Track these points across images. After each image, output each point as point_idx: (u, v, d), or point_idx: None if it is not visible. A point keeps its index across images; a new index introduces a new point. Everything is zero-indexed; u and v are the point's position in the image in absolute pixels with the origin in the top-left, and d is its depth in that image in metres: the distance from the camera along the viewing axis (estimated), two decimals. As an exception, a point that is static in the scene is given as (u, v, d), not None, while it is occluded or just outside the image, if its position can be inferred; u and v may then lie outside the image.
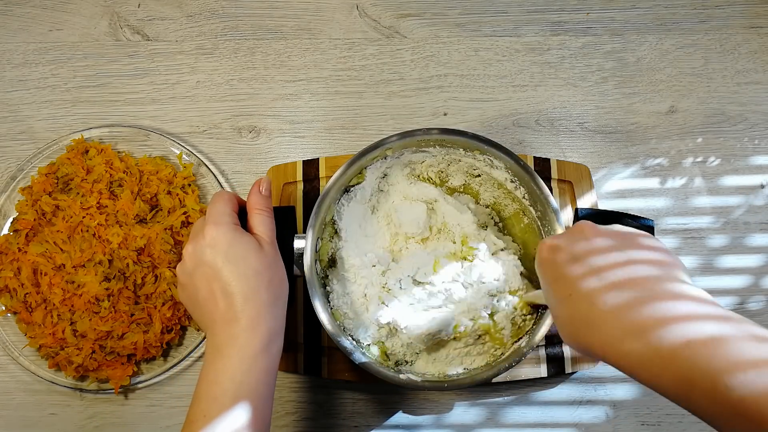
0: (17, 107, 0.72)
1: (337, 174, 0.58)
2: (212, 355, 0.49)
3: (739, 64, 0.74)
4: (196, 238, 0.51)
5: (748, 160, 0.71)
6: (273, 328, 0.50)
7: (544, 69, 0.73)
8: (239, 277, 0.49)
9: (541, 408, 0.66)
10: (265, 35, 0.74)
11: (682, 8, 0.75)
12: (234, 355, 0.48)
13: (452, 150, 0.61)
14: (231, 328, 0.49)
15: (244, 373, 0.47)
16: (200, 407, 0.47)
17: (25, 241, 0.65)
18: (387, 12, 0.75)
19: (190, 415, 0.48)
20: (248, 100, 0.72)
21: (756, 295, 0.68)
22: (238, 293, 0.49)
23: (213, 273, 0.50)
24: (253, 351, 0.48)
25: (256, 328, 0.49)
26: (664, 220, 0.70)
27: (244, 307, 0.49)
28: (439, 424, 0.66)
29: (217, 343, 0.49)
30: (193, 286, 0.51)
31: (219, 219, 0.52)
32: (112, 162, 0.67)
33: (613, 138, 0.72)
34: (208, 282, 0.50)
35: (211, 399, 0.47)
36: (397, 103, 0.72)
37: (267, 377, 0.49)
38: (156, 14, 0.74)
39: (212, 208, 0.53)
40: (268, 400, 0.49)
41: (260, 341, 0.48)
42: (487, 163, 0.61)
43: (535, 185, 0.58)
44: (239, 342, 0.48)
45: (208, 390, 0.48)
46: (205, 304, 0.50)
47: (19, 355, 0.64)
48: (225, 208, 0.53)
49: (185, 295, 0.53)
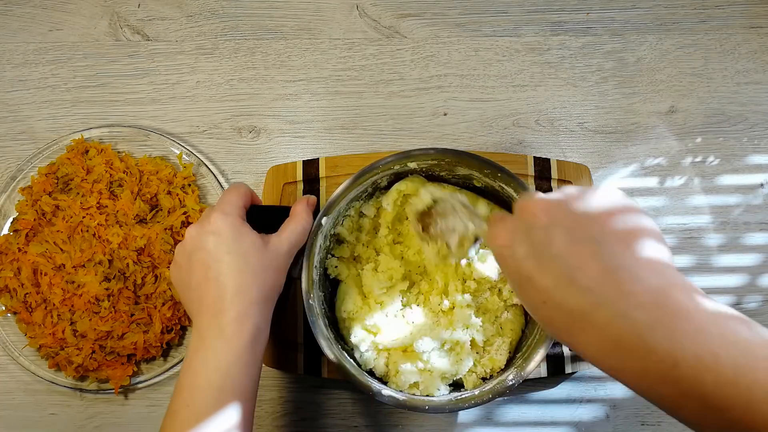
0: (17, 107, 0.72)
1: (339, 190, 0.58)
2: (196, 344, 0.49)
3: (739, 64, 0.74)
4: (201, 223, 0.52)
5: (747, 159, 0.71)
6: (259, 325, 0.50)
7: (544, 69, 0.73)
8: (236, 271, 0.50)
9: (540, 407, 0.66)
10: (265, 35, 0.74)
11: (682, 8, 0.75)
12: (220, 347, 0.48)
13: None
14: (218, 319, 0.49)
15: (229, 365, 0.48)
16: (183, 397, 0.47)
17: (25, 241, 0.65)
18: (387, 12, 0.75)
19: (172, 404, 0.48)
20: (248, 100, 0.72)
21: (753, 294, 0.68)
22: (231, 286, 0.49)
23: (211, 261, 0.50)
24: (239, 344, 0.48)
25: (244, 322, 0.49)
26: (664, 220, 0.70)
27: (234, 300, 0.49)
28: (439, 423, 0.66)
29: (203, 333, 0.49)
30: (188, 268, 0.51)
31: (228, 209, 0.52)
32: (112, 162, 0.67)
33: (613, 138, 0.72)
34: (205, 268, 0.50)
35: (195, 389, 0.47)
36: (397, 103, 0.72)
37: (251, 371, 0.49)
38: (156, 14, 0.74)
39: (225, 196, 0.54)
40: (251, 394, 0.49)
41: (246, 335, 0.49)
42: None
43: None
44: (226, 334, 0.48)
45: (192, 380, 0.48)
46: (197, 288, 0.50)
47: (19, 355, 0.64)
48: (237, 201, 0.53)
49: (179, 275, 0.53)
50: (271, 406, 0.66)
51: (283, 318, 0.64)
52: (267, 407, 0.66)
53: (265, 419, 0.66)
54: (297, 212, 0.56)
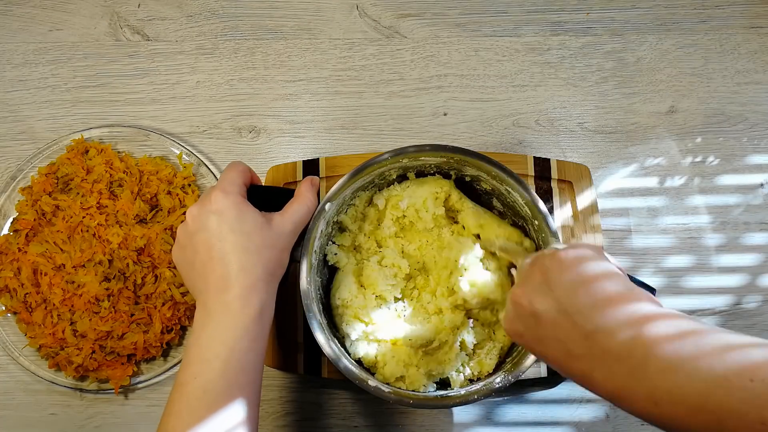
0: (17, 107, 0.72)
1: (335, 188, 0.58)
2: (203, 319, 0.49)
3: (739, 64, 0.74)
4: (203, 202, 0.51)
5: (747, 159, 0.71)
6: (265, 300, 0.50)
7: (544, 69, 0.73)
8: (240, 249, 0.50)
9: (540, 407, 0.66)
10: (265, 35, 0.74)
11: (682, 8, 0.75)
12: (227, 322, 0.48)
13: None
14: (224, 295, 0.49)
15: (236, 340, 0.48)
16: (191, 370, 0.47)
17: (25, 241, 0.65)
18: (387, 12, 0.75)
19: (179, 377, 0.48)
20: (248, 100, 0.72)
21: (753, 294, 0.68)
22: (235, 263, 0.49)
23: (215, 240, 0.50)
24: (245, 319, 0.49)
25: (249, 298, 0.49)
26: (663, 220, 0.70)
27: (239, 276, 0.49)
28: (439, 422, 0.66)
29: (210, 309, 0.49)
30: (192, 248, 0.51)
31: (228, 187, 0.52)
32: (112, 162, 0.67)
33: (613, 138, 0.72)
34: (208, 248, 0.50)
35: (202, 362, 0.47)
36: (397, 103, 0.72)
37: (258, 345, 0.49)
38: (156, 14, 0.74)
39: (225, 174, 0.53)
40: (258, 368, 0.50)
41: (252, 310, 0.49)
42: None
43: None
44: (232, 309, 0.49)
45: (199, 353, 0.48)
46: (202, 268, 0.50)
47: (19, 355, 0.64)
48: (237, 179, 0.53)
49: (182, 255, 0.52)
50: (272, 406, 0.66)
51: (283, 317, 0.64)
52: (268, 407, 0.66)
53: (266, 419, 0.66)
54: (302, 192, 0.56)
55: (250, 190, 0.55)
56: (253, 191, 0.55)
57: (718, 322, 0.68)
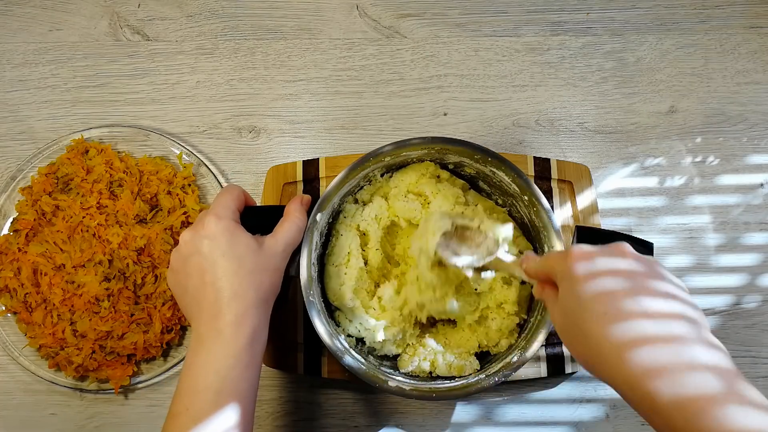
0: (17, 107, 0.72)
1: (335, 182, 0.58)
2: (196, 347, 0.49)
3: (739, 64, 0.74)
4: (196, 227, 0.52)
5: (747, 159, 0.71)
6: (257, 327, 0.50)
7: (544, 69, 0.73)
8: (232, 274, 0.50)
9: (540, 407, 0.66)
10: (265, 35, 0.74)
11: (682, 8, 0.75)
12: (218, 350, 0.48)
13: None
14: (216, 321, 0.49)
15: (228, 368, 0.48)
16: (182, 401, 0.48)
17: (25, 241, 0.65)
18: (387, 12, 0.75)
19: (172, 408, 0.48)
20: (248, 100, 0.72)
21: (752, 294, 0.68)
22: (227, 288, 0.49)
23: (207, 265, 0.50)
24: (237, 346, 0.49)
25: (241, 325, 0.49)
26: (663, 219, 0.70)
27: (231, 302, 0.49)
28: (439, 422, 0.66)
29: (202, 335, 0.49)
30: (185, 273, 0.51)
31: (222, 212, 0.52)
32: (112, 162, 0.67)
33: (613, 138, 0.72)
34: (201, 273, 0.50)
35: (194, 393, 0.48)
36: (397, 103, 0.72)
37: (250, 373, 0.50)
38: (156, 14, 0.74)
39: (219, 199, 0.54)
40: (251, 396, 0.50)
41: (244, 337, 0.49)
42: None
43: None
44: (224, 336, 0.49)
45: (191, 383, 0.48)
46: (194, 292, 0.51)
47: (19, 355, 0.64)
48: (230, 203, 0.54)
49: (175, 280, 0.53)
50: (271, 406, 0.66)
51: (283, 317, 0.64)
52: (267, 407, 0.66)
53: (265, 419, 0.66)
54: (290, 212, 0.56)
55: (245, 212, 0.55)
56: (248, 213, 0.56)
57: (718, 322, 0.68)
